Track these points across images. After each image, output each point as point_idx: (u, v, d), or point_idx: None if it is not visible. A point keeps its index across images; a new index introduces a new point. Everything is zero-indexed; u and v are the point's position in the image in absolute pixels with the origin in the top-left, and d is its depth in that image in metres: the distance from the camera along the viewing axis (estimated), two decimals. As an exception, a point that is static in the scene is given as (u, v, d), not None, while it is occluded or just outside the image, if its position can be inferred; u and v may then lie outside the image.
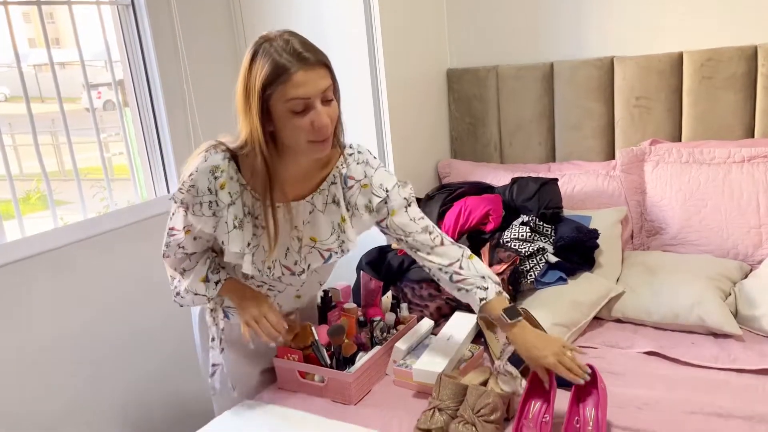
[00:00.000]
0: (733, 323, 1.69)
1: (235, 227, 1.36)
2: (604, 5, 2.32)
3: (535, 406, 1.40)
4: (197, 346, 1.68)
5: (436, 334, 1.78)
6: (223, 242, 1.38)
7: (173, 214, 1.42)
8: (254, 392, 1.64)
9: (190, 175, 1.34)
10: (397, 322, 1.84)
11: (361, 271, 1.92)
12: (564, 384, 1.51)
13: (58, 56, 1.97)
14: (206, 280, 1.44)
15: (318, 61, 1.26)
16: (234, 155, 1.36)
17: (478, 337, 1.80)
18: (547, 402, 1.39)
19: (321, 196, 1.44)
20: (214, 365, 1.56)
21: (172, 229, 1.42)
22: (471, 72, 2.55)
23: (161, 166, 2.30)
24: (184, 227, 1.40)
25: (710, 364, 1.57)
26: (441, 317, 1.89)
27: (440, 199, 2.08)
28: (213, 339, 1.54)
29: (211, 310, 1.46)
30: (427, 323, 1.82)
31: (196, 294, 1.45)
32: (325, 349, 1.61)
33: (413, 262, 2.01)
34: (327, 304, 1.78)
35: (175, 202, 1.38)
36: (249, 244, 1.39)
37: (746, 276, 1.91)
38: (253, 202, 1.39)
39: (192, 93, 2.31)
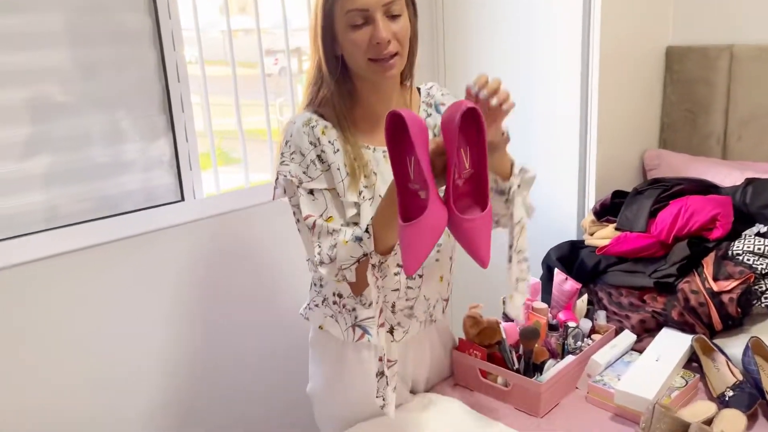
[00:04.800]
0: None
1: (347, 174, 1.22)
2: None
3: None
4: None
5: (638, 351, 1.55)
6: (341, 195, 1.23)
7: (295, 205, 1.26)
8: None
9: (287, 143, 1.24)
10: (592, 330, 1.62)
11: (556, 269, 1.72)
12: None
13: (244, 23, 2.00)
14: (356, 239, 1.17)
15: None
16: (317, 112, 1.25)
17: (690, 362, 1.54)
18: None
19: None
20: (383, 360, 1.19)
21: (307, 218, 1.22)
22: (697, 51, 2.19)
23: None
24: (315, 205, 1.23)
25: None
26: (644, 332, 1.63)
27: (653, 195, 1.80)
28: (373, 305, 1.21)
29: (373, 266, 1.17)
30: (628, 337, 1.59)
31: (357, 261, 1.18)
32: (513, 351, 1.45)
33: (612, 264, 1.77)
34: (515, 299, 1.61)
35: (286, 188, 1.25)
36: (361, 193, 1.23)
37: None
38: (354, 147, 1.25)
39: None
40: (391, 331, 1.33)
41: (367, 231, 1.15)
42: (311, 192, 1.23)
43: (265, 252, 1.98)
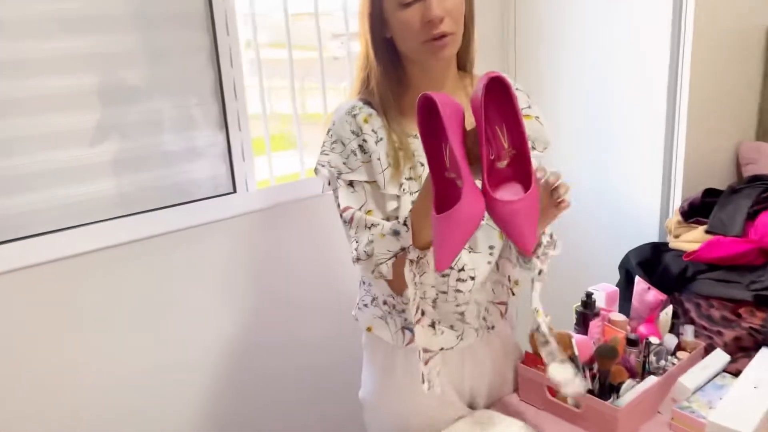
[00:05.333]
0: None
1: (389, 165, 1.14)
2: None
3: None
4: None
5: (731, 374, 1.36)
6: (381, 187, 1.15)
7: (336, 196, 1.19)
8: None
9: (329, 132, 1.19)
10: (678, 347, 1.44)
11: (637, 276, 1.54)
12: None
13: (308, 7, 1.92)
14: (393, 232, 1.08)
15: None
16: (363, 99, 1.19)
17: (793, 388, 1.34)
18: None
19: None
20: (426, 350, 1.12)
21: (346, 209, 1.15)
22: (806, 29, 1.94)
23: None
24: (354, 195, 1.17)
25: None
26: (739, 351, 1.45)
27: (752, 194, 1.59)
28: (413, 301, 1.10)
29: (411, 261, 1.06)
30: (720, 357, 1.40)
31: (394, 256, 1.09)
32: (586, 369, 1.30)
33: (701, 271, 1.58)
34: (589, 309, 1.45)
35: (327, 178, 1.18)
36: (402, 185, 1.14)
37: None
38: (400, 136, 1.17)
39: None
40: (432, 324, 1.22)
41: (405, 224, 1.05)
42: (351, 184, 1.16)
43: (316, 248, 1.89)
